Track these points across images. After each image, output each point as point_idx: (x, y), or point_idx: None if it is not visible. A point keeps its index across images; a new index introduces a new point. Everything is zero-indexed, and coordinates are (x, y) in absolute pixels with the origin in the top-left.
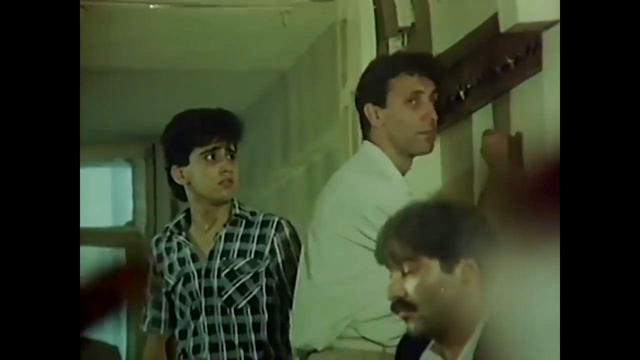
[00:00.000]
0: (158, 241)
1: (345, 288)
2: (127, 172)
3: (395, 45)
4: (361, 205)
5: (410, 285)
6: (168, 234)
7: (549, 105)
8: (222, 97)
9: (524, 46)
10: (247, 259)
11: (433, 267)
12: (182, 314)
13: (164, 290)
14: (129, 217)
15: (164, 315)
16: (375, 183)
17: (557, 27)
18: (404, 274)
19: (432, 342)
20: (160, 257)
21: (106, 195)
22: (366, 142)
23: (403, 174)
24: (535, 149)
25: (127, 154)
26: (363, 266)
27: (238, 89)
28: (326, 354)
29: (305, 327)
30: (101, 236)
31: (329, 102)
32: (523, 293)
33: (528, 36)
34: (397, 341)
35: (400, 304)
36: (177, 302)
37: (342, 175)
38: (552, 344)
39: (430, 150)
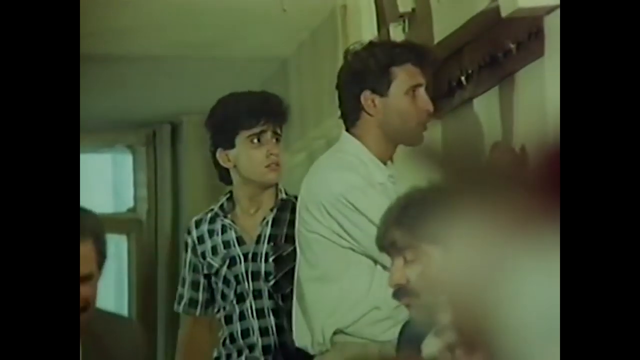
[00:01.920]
0: (199, 222)
1: (320, 287)
2: (127, 159)
3: (396, 30)
4: (321, 196)
5: (413, 273)
6: (211, 215)
7: (551, 91)
8: (222, 84)
9: (525, 31)
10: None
11: (435, 254)
12: (224, 296)
13: (205, 272)
14: (130, 204)
15: (201, 296)
16: (338, 174)
17: (559, 12)
18: (405, 262)
19: (435, 329)
20: (201, 239)
21: (107, 182)
22: (344, 134)
23: (384, 163)
24: (537, 135)
25: (127, 141)
26: (334, 264)
27: (238, 76)
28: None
29: (297, 329)
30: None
31: (330, 88)
32: (520, 279)
33: (530, 21)
34: (389, 334)
35: (402, 291)
36: (220, 285)
37: (311, 170)
38: (550, 333)
39: (422, 142)
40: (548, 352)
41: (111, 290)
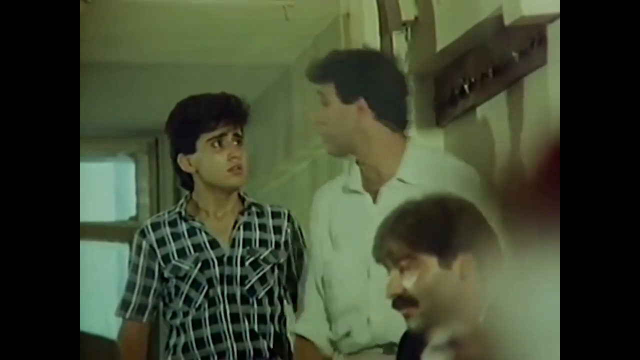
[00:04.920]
0: (155, 225)
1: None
2: (130, 167)
3: (398, 38)
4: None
5: (409, 282)
6: (169, 219)
7: (554, 99)
8: (225, 91)
9: (528, 39)
10: (270, 249)
11: (431, 263)
12: (188, 301)
13: (167, 275)
14: (132, 212)
15: (151, 302)
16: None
17: None
18: (402, 272)
19: (433, 340)
20: (161, 242)
21: (109, 190)
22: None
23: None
24: (541, 142)
25: (130, 149)
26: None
27: (241, 84)
28: None
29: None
30: (104, 231)
31: None
32: (521, 289)
33: (533, 29)
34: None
35: (401, 301)
36: (186, 289)
37: None
38: (552, 342)
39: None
40: (549, 355)
41: (114, 298)
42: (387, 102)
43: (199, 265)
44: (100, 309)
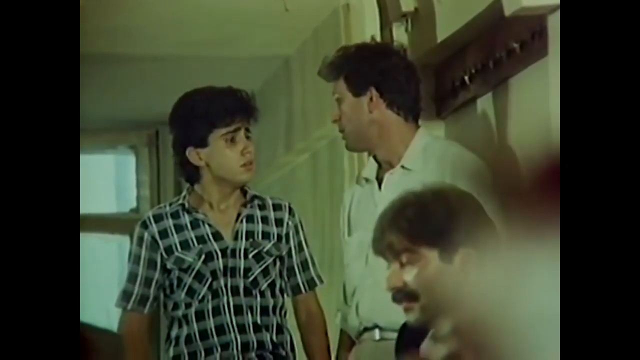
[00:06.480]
0: (158, 217)
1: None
2: (130, 159)
3: (398, 30)
4: None
5: (409, 276)
6: (171, 210)
7: (554, 91)
8: (225, 83)
9: (529, 31)
10: (273, 241)
11: (432, 257)
12: (191, 293)
13: (170, 267)
14: (133, 204)
15: (152, 293)
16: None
17: None
18: (402, 265)
19: (432, 331)
20: (163, 234)
21: (110, 182)
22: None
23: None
24: (539, 134)
25: (130, 141)
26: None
27: (241, 76)
28: None
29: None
30: (105, 223)
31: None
32: (521, 282)
33: (533, 21)
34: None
35: (401, 295)
36: (189, 281)
37: None
38: (551, 334)
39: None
40: (549, 352)
41: (114, 290)
42: (398, 92)
43: (203, 257)
44: (101, 300)
